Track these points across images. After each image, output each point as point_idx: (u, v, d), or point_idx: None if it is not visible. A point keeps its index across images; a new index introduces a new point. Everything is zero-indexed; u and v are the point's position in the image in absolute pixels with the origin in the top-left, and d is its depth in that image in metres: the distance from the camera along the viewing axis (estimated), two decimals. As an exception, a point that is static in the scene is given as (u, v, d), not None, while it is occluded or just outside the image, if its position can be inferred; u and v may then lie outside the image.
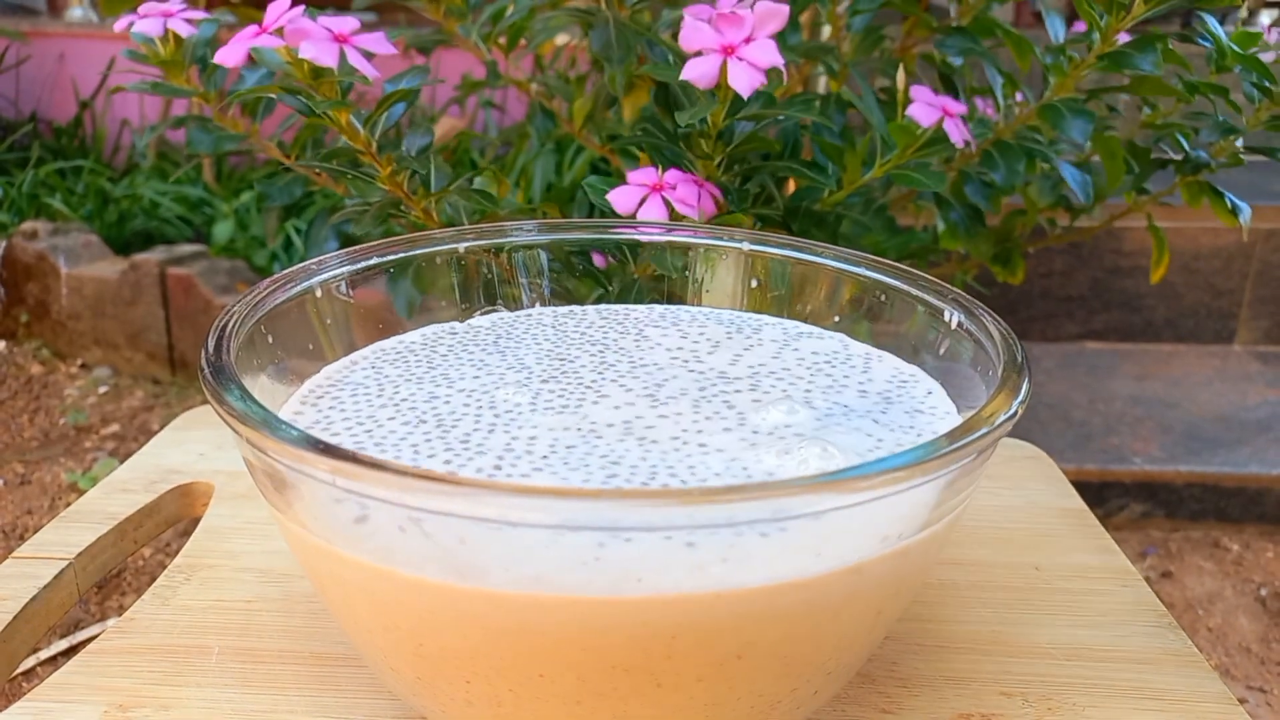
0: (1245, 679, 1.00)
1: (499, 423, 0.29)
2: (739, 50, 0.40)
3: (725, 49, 0.40)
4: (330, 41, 0.41)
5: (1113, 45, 0.52)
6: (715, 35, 0.41)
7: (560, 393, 0.31)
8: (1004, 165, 0.54)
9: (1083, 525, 0.42)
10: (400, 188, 0.46)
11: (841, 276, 0.36)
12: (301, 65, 0.41)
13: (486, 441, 0.28)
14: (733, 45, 0.40)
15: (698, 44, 0.41)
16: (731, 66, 0.40)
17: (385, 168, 0.45)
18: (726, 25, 0.41)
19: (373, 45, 0.42)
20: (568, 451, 0.27)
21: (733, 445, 0.28)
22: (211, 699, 0.31)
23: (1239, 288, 1.60)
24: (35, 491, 1.26)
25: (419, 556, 0.23)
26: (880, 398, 0.31)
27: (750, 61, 0.40)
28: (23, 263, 1.60)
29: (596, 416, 0.29)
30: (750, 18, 0.41)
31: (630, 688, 0.24)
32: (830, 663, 0.26)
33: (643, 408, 0.30)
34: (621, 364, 0.33)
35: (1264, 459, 1.28)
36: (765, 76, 0.41)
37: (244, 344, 0.29)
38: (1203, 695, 0.32)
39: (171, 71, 0.48)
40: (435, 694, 0.26)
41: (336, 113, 0.43)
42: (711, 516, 0.21)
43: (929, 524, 0.24)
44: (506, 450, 0.27)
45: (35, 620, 0.35)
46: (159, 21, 0.46)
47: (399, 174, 0.46)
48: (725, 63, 0.40)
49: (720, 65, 0.40)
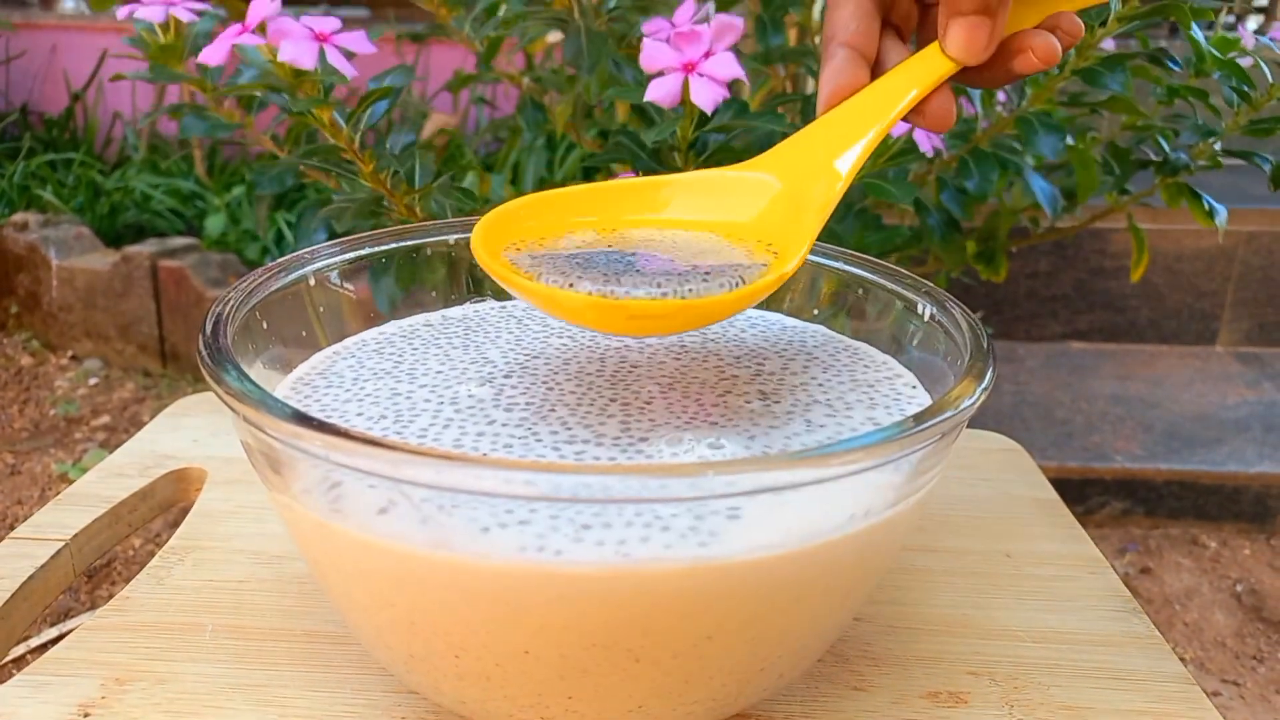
0: (1220, 673, 1.02)
1: (456, 418, 0.30)
2: (699, 66, 0.41)
3: (686, 66, 0.41)
4: (311, 41, 0.41)
5: (1088, 60, 0.54)
6: (675, 54, 0.42)
7: (524, 389, 0.32)
8: (978, 174, 0.55)
9: (1054, 515, 0.43)
10: (383, 184, 0.47)
11: (820, 271, 0.37)
12: (283, 65, 0.42)
13: (442, 436, 0.29)
14: (693, 62, 0.41)
15: (659, 64, 0.42)
16: (693, 83, 0.41)
17: (367, 165, 0.46)
18: (685, 43, 0.42)
19: (353, 44, 0.43)
20: (506, 451, 0.28)
21: (698, 434, 0.29)
22: (206, 674, 0.32)
23: (1221, 290, 1.62)
24: (25, 482, 1.26)
25: (408, 530, 0.24)
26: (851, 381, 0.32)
27: (711, 76, 0.41)
28: (13, 254, 1.60)
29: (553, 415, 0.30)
30: (707, 32, 0.42)
31: (610, 663, 0.25)
32: (800, 641, 0.27)
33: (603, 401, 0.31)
34: (582, 356, 0.34)
35: (1242, 458, 1.30)
36: (728, 89, 0.42)
37: (239, 330, 0.30)
38: (1163, 676, 0.33)
39: (170, 58, 0.48)
40: (427, 669, 0.27)
41: (319, 111, 0.44)
42: (679, 490, 0.22)
43: (895, 504, 0.25)
44: (455, 446, 0.28)
45: (33, 599, 0.36)
46: (161, 9, 0.46)
47: (381, 171, 0.47)
48: (686, 80, 0.41)
49: (682, 83, 0.41)
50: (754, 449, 0.28)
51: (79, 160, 1.84)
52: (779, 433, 0.29)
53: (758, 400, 0.31)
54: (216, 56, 0.42)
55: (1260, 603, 1.13)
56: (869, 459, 0.23)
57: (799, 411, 0.30)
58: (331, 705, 0.31)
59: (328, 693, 0.31)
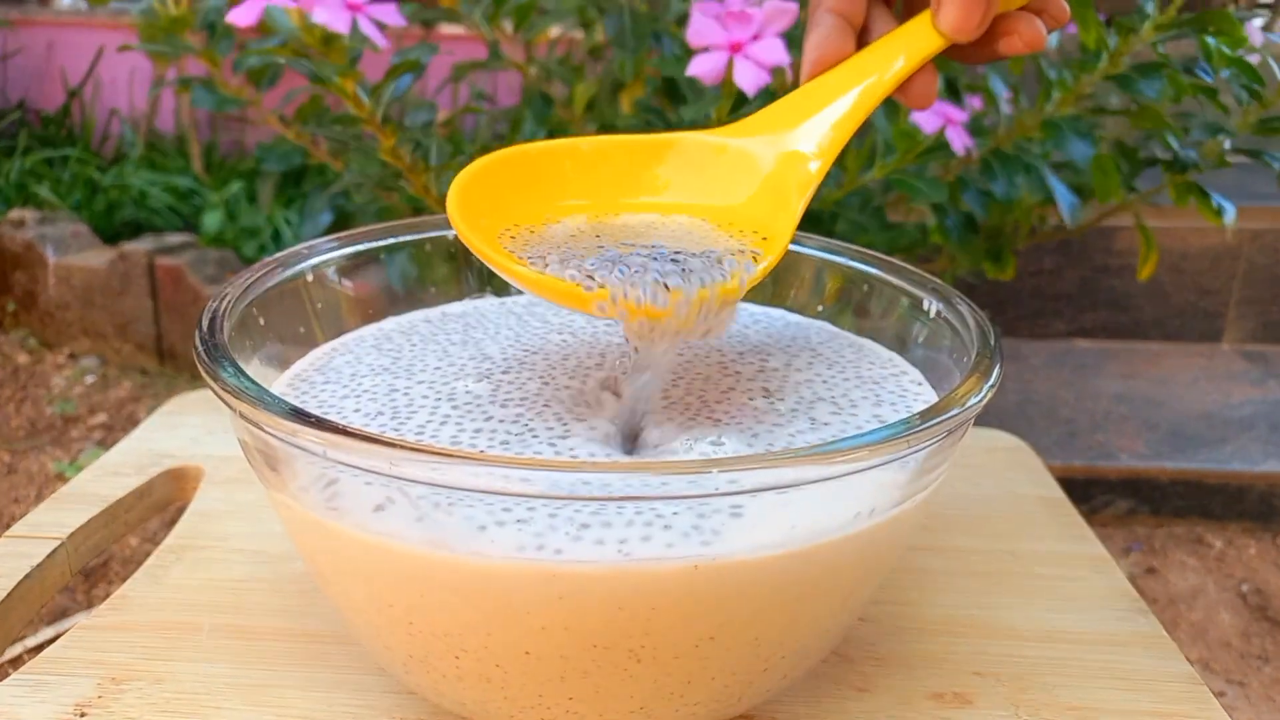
0: (1225, 673, 1.01)
1: (454, 415, 0.29)
2: (746, 48, 0.41)
3: (732, 46, 0.41)
4: (344, 9, 0.41)
5: (1119, 67, 0.53)
6: (723, 32, 0.41)
7: (520, 385, 0.31)
8: (1003, 177, 0.55)
9: (1060, 514, 0.43)
10: (402, 160, 0.47)
11: (825, 266, 0.36)
12: (312, 30, 0.42)
13: (439, 433, 0.28)
14: (740, 42, 0.41)
15: (705, 40, 0.41)
16: (737, 63, 0.41)
17: (388, 140, 0.46)
18: (734, 22, 0.42)
19: (385, 16, 0.43)
20: (503, 448, 0.27)
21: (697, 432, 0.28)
22: (204, 673, 0.31)
23: (1226, 288, 1.61)
24: (22, 480, 1.26)
25: (405, 528, 0.23)
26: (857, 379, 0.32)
27: (756, 60, 0.41)
28: (10, 252, 1.59)
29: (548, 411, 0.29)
30: (759, 15, 0.42)
31: (611, 664, 0.24)
32: (803, 641, 0.27)
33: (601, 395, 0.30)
34: (581, 352, 0.34)
35: (1247, 457, 1.30)
36: (770, 75, 0.41)
37: (236, 326, 0.29)
38: (1170, 676, 0.33)
39: (179, 28, 0.48)
40: (427, 670, 0.27)
41: (343, 80, 0.43)
42: (681, 489, 0.21)
43: (900, 503, 0.25)
44: (453, 442, 0.28)
45: (29, 598, 0.36)
46: None
47: (401, 147, 0.46)
48: (731, 60, 0.41)
49: (726, 62, 0.41)
50: (757, 446, 0.27)
51: (76, 157, 1.84)
52: (783, 430, 0.28)
53: (761, 397, 0.30)
54: (247, 17, 0.42)
55: (1266, 602, 1.13)
56: (874, 457, 0.22)
57: (803, 409, 0.30)
58: (329, 706, 0.30)
59: (325, 693, 0.31)
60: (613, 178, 0.30)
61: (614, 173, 0.31)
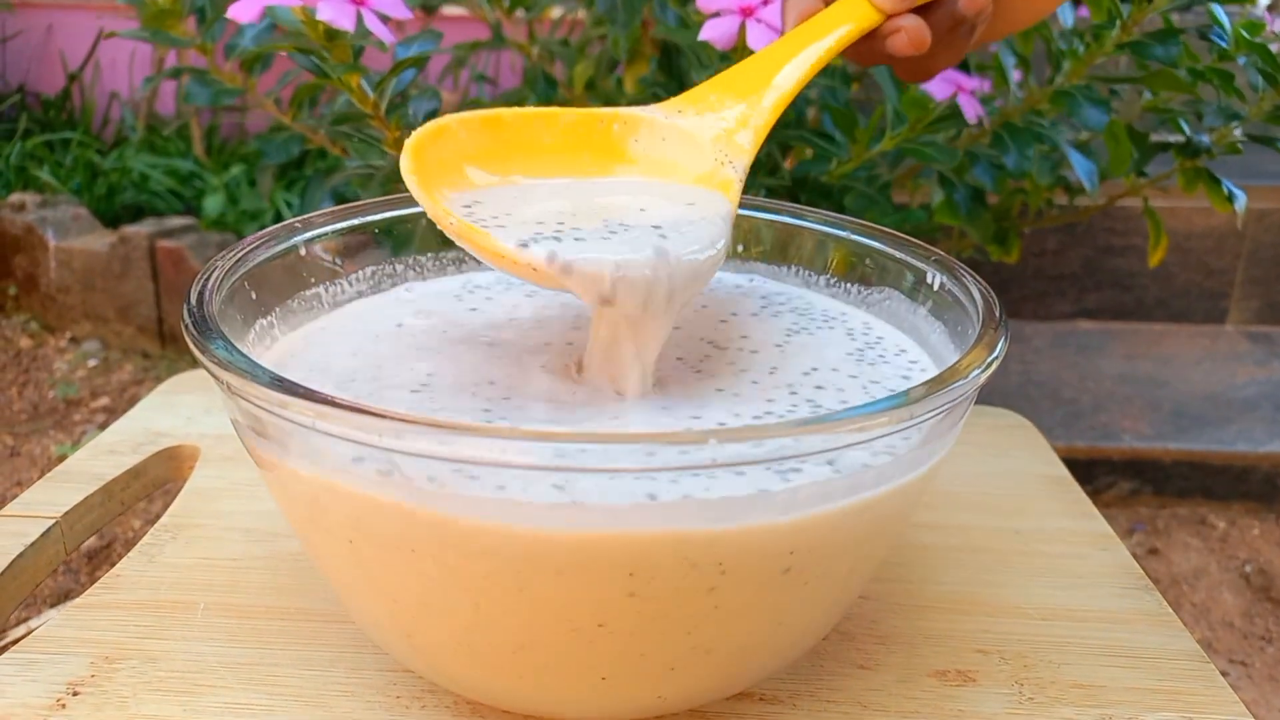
0: (1228, 653, 1.01)
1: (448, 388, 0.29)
2: (758, 12, 0.40)
3: (744, 10, 0.40)
4: (348, 4, 0.40)
5: (1131, 35, 0.52)
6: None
7: (509, 349, 0.30)
8: (1015, 149, 0.54)
9: (1064, 491, 0.42)
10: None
11: (827, 240, 0.36)
12: (316, 26, 0.41)
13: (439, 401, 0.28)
14: (751, 7, 0.40)
15: (716, 4, 0.41)
16: (750, 28, 0.40)
17: (392, 133, 0.45)
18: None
19: (389, 9, 0.42)
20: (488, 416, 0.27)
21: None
22: (197, 652, 0.31)
23: (1231, 268, 1.60)
24: (25, 464, 1.26)
25: (398, 499, 0.23)
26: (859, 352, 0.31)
27: (769, 24, 0.40)
28: (11, 235, 1.59)
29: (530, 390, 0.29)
30: None
31: (586, 639, 0.24)
32: (804, 617, 0.26)
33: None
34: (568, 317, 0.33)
35: (1251, 437, 1.29)
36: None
37: (225, 300, 0.29)
38: (1174, 653, 0.33)
39: (168, 21, 0.47)
40: (426, 645, 0.26)
41: (348, 76, 0.42)
42: (671, 459, 0.21)
43: (902, 476, 0.24)
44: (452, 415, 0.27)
45: (23, 577, 0.36)
46: None
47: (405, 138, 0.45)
48: (744, 24, 0.40)
49: (739, 26, 0.40)
50: (744, 419, 0.27)
51: (76, 140, 1.83)
52: (780, 405, 0.28)
53: (763, 372, 0.30)
54: (248, 14, 0.41)
55: (1269, 583, 1.13)
56: (874, 428, 0.22)
57: (801, 381, 0.29)
58: (325, 684, 0.30)
59: (320, 671, 0.30)
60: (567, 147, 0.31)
61: (567, 142, 0.31)
